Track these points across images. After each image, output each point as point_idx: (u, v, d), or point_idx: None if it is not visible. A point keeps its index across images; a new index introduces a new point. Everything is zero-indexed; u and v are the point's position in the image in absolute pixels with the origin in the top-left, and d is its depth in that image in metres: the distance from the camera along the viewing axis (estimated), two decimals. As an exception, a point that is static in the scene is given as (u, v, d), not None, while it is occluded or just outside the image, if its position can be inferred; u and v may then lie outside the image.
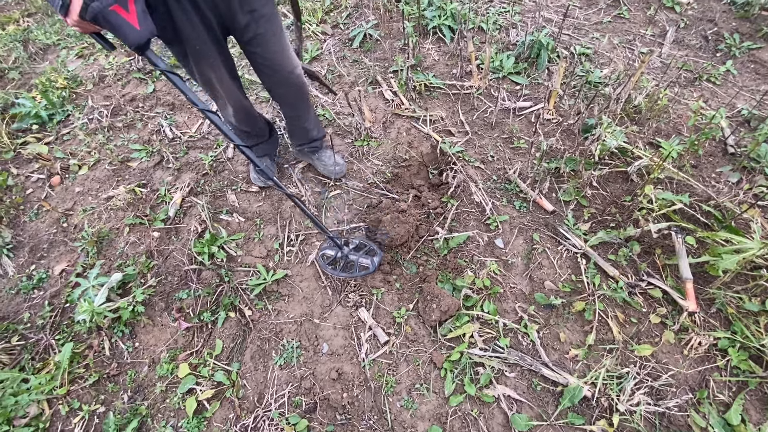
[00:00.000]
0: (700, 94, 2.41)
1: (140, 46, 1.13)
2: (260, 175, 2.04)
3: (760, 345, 1.45)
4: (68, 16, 1.03)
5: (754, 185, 1.89)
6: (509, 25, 2.94)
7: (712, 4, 2.96)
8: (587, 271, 1.73)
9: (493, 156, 2.22)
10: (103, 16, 1.04)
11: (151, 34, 1.14)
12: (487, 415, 1.47)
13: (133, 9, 1.08)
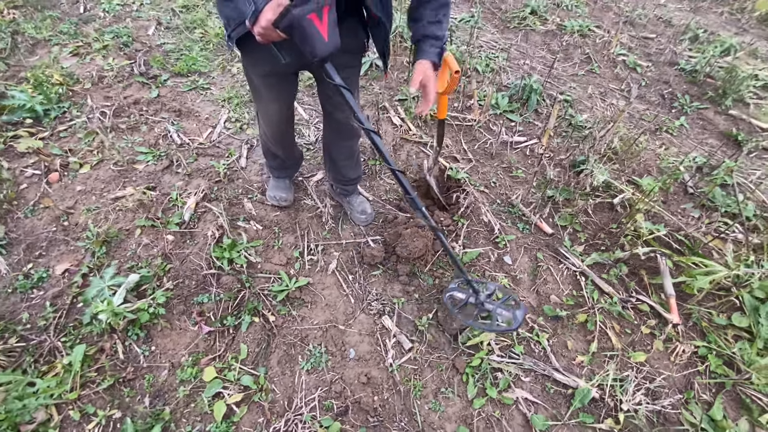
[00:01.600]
0: (662, 143, 2.83)
1: (322, 59, 1.12)
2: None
3: (731, 353, 1.71)
4: (256, 24, 1.02)
5: (713, 220, 2.25)
6: (500, 69, 3.29)
7: (666, 69, 3.52)
8: (586, 287, 1.95)
9: (495, 182, 2.44)
10: (299, 23, 1.01)
11: (335, 48, 1.12)
12: (508, 417, 1.59)
13: (326, 19, 1.06)
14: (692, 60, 3.52)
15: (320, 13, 1.03)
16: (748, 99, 3.18)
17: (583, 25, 3.85)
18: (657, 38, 3.93)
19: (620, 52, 3.60)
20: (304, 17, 1.01)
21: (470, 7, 4.12)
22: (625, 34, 3.87)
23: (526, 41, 3.73)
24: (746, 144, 2.80)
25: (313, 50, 1.08)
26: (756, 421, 1.57)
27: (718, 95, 3.17)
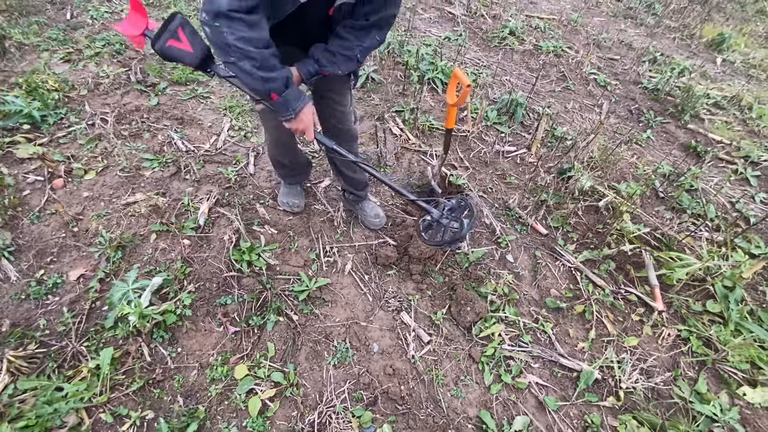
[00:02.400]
0: (633, 153, 3.14)
1: (199, 65, 1.30)
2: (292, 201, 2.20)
3: (709, 335, 1.94)
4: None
5: (683, 221, 2.53)
6: (486, 84, 3.53)
7: (632, 87, 3.89)
8: (582, 281, 2.14)
9: (491, 188, 2.63)
10: (165, 53, 1.24)
11: (203, 52, 1.29)
12: (522, 400, 1.73)
13: (183, 36, 1.25)
14: (653, 80, 3.92)
15: (176, 36, 1.24)
16: (703, 115, 3.59)
17: (557, 46, 4.20)
18: (621, 59, 4.34)
19: (591, 71, 3.96)
20: (165, 47, 1.24)
21: (453, 26, 4.38)
22: (594, 55, 4.25)
23: (507, 59, 4.01)
24: (706, 155, 3.16)
25: (187, 64, 1.31)
26: (734, 393, 1.79)
27: (678, 111, 3.56)
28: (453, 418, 1.63)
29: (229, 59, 1.16)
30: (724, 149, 3.29)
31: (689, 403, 1.74)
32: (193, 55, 1.28)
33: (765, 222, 2.65)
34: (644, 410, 1.70)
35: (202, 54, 1.30)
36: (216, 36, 1.12)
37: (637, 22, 5.35)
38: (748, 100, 3.76)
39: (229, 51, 1.14)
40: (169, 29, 1.24)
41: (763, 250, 2.37)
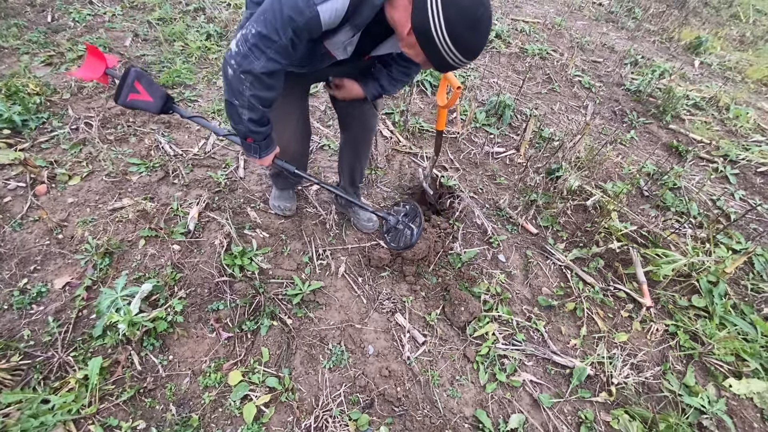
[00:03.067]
0: (618, 153, 3.21)
1: (161, 110, 1.40)
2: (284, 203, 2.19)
3: (695, 329, 1.99)
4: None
5: (667, 218, 2.59)
6: (474, 86, 3.57)
7: (615, 89, 3.99)
8: (572, 279, 2.18)
9: (482, 189, 2.65)
10: (130, 105, 1.39)
11: (162, 100, 1.40)
12: (517, 398, 1.74)
13: (140, 88, 1.37)
14: (635, 81, 4.02)
15: (135, 89, 1.37)
16: (683, 115, 3.69)
17: (542, 49, 4.27)
18: (604, 62, 4.44)
19: (576, 74, 4.04)
20: (127, 102, 1.38)
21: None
22: (578, 57, 4.34)
23: (494, 62, 4.07)
24: (687, 154, 3.25)
25: (150, 111, 1.44)
26: (721, 385, 1.84)
27: (659, 112, 3.65)
28: (449, 418, 1.64)
29: (234, 102, 1.23)
30: (704, 148, 3.39)
31: (678, 396, 1.78)
32: (154, 103, 1.41)
33: (745, 218, 2.73)
34: (635, 404, 1.74)
35: (162, 100, 1.41)
36: (236, 83, 1.18)
37: (618, 25, 5.49)
38: (725, 101, 3.89)
39: (240, 98, 1.21)
40: (127, 84, 1.35)
41: (744, 245, 2.45)
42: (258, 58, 1.13)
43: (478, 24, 1.02)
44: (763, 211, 2.84)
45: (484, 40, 1.06)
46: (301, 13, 1.05)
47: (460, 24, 1.00)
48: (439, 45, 1.03)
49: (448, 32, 1.00)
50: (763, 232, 2.64)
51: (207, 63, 3.33)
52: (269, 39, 1.10)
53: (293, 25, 1.08)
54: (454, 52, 1.05)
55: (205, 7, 3.93)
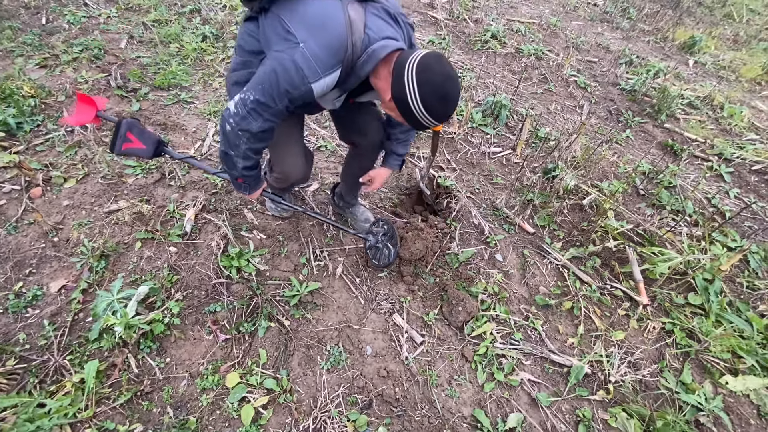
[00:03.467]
0: (614, 152, 3.22)
1: (154, 154, 1.49)
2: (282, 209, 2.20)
3: (691, 326, 2.00)
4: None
5: (663, 217, 2.61)
6: (470, 86, 3.58)
7: (610, 89, 4.00)
8: (569, 277, 2.18)
9: (479, 189, 2.66)
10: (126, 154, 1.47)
11: (154, 145, 1.48)
12: (516, 397, 1.74)
13: (133, 138, 1.46)
14: (630, 81, 4.04)
15: (128, 139, 1.46)
16: (678, 114, 3.71)
17: (538, 49, 4.29)
18: (599, 62, 4.46)
19: (572, 74, 4.06)
20: (122, 151, 1.46)
21: (437, 30, 4.43)
22: (574, 57, 4.36)
23: (490, 62, 4.08)
24: (682, 153, 3.27)
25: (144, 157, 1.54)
26: (717, 382, 1.85)
27: (655, 111, 3.68)
28: (448, 417, 1.64)
29: (230, 152, 1.35)
30: (699, 147, 3.41)
31: (675, 393, 1.78)
32: (147, 150, 1.50)
33: (740, 216, 2.75)
34: (633, 402, 1.74)
35: (153, 146, 1.50)
36: (233, 138, 1.29)
37: (613, 25, 5.52)
38: (720, 99, 3.92)
39: (236, 150, 1.33)
40: (120, 135, 1.45)
41: (739, 243, 2.47)
42: (255, 120, 1.25)
43: (447, 97, 1.18)
44: (758, 209, 2.86)
45: (452, 109, 1.22)
46: (297, 88, 1.18)
47: (432, 98, 1.16)
48: (415, 113, 1.20)
49: (422, 103, 1.17)
50: (758, 229, 2.66)
51: (203, 65, 3.32)
52: (266, 105, 1.22)
53: (289, 96, 1.21)
54: (427, 118, 1.21)
55: (200, 9, 3.92)
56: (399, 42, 1.27)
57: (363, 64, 1.22)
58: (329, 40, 1.15)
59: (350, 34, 1.16)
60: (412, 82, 1.15)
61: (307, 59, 1.14)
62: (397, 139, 1.75)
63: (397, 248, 1.87)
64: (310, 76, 1.16)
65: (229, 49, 3.50)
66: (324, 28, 1.15)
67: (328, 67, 1.17)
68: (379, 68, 1.26)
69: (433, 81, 1.14)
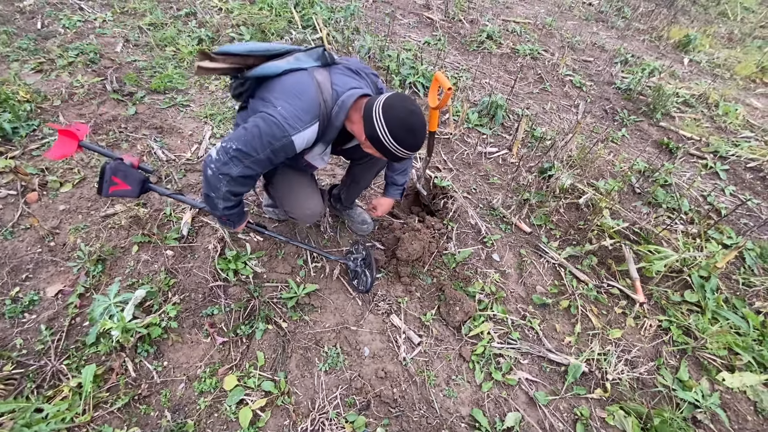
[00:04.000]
0: (610, 151, 3.23)
1: (140, 193, 1.54)
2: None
3: (688, 324, 2.01)
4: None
5: (659, 215, 2.62)
6: (466, 87, 3.59)
7: (606, 88, 4.02)
8: (566, 276, 2.19)
9: (475, 189, 2.67)
10: (114, 196, 1.50)
11: (139, 185, 1.53)
12: (513, 396, 1.75)
13: (118, 180, 1.51)
14: (626, 80, 4.06)
15: (113, 183, 1.50)
16: (673, 113, 3.73)
17: (533, 49, 4.30)
18: (595, 61, 4.48)
19: (567, 73, 4.07)
20: (109, 194, 1.48)
21: (432, 31, 4.44)
22: (569, 57, 4.37)
23: (486, 63, 4.09)
24: (677, 151, 3.28)
25: (132, 197, 1.56)
26: (714, 379, 1.86)
27: (650, 110, 3.69)
28: (446, 418, 1.64)
29: (211, 194, 1.42)
30: (694, 145, 3.42)
31: (672, 390, 1.79)
32: (133, 190, 1.54)
33: (735, 213, 2.77)
34: (630, 400, 1.75)
35: (139, 185, 1.54)
36: (214, 180, 1.37)
37: (608, 25, 5.54)
38: (715, 97, 3.93)
39: (216, 192, 1.40)
40: (106, 180, 1.49)
41: (735, 240, 2.48)
42: (236, 166, 1.34)
43: (413, 128, 1.32)
44: (753, 206, 2.87)
45: (420, 139, 1.36)
46: (278, 140, 1.32)
47: (399, 131, 1.31)
48: (388, 146, 1.35)
49: (392, 137, 1.32)
50: (754, 226, 2.67)
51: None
52: (248, 154, 1.33)
53: (271, 147, 1.33)
54: (399, 149, 1.35)
55: (196, 12, 3.92)
56: (364, 89, 1.44)
57: (336, 114, 1.40)
58: (303, 104, 1.34)
59: (320, 93, 1.36)
60: (380, 121, 1.31)
61: (286, 116, 1.31)
62: (395, 170, 1.85)
63: (373, 274, 1.87)
64: (290, 129, 1.31)
65: (225, 52, 3.50)
66: (298, 96, 1.34)
67: (305, 122, 1.34)
68: (351, 114, 1.43)
69: (398, 117, 1.30)
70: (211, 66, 1.45)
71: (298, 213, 1.78)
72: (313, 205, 1.77)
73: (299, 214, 1.78)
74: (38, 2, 3.72)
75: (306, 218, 1.80)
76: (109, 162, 1.51)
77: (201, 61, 1.42)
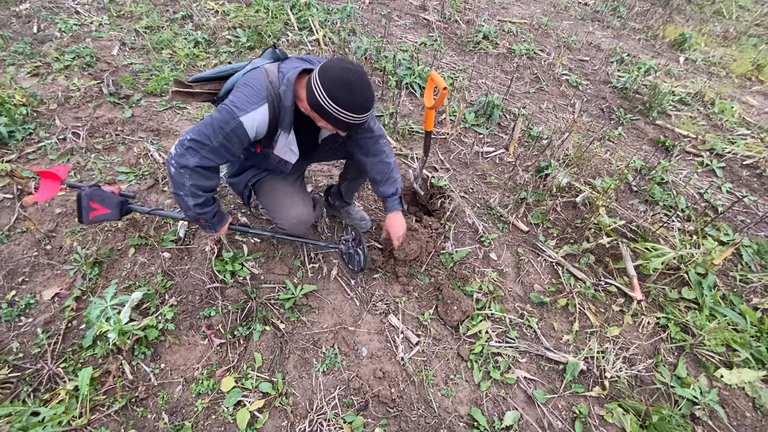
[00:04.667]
0: (606, 149, 3.24)
1: (120, 215, 1.59)
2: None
3: (685, 321, 2.01)
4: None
5: (656, 212, 2.62)
6: (462, 87, 3.60)
7: (602, 87, 4.03)
8: (563, 275, 2.19)
9: (472, 188, 2.67)
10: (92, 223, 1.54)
11: (118, 207, 1.60)
12: (512, 395, 1.75)
13: (96, 206, 1.56)
14: (622, 79, 4.07)
15: (91, 208, 1.55)
16: (669, 111, 3.74)
17: (530, 49, 4.32)
18: (591, 60, 4.49)
19: (563, 72, 4.08)
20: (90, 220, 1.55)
21: (429, 32, 4.46)
22: (565, 56, 4.39)
23: (482, 63, 4.10)
24: (674, 149, 3.29)
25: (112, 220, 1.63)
26: (712, 376, 1.86)
27: (646, 108, 3.70)
28: (444, 417, 1.64)
29: (179, 193, 1.43)
30: (690, 143, 3.43)
31: (671, 387, 1.79)
32: (113, 213, 1.59)
33: (732, 210, 2.77)
34: (629, 398, 1.75)
35: (118, 207, 1.60)
36: (177, 176, 1.39)
37: (603, 24, 5.56)
38: (710, 96, 3.95)
39: (182, 189, 1.41)
40: (84, 207, 1.54)
41: (732, 237, 2.48)
42: (192, 156, 1.36)
43: (351, 86, 1.27)
44: (750, 203, 2.87)
45: (361, 96, 1.29)
46: (227, 123, 1.34)
47: (336, 90, 1.26)
48: (330, 109, 1.29)
49: (330, 98, 1.27)
50: (751, 223, 2.67)
51: (195, 70, 3.33)
52: (201, 143, 1.35)
53: (222, 132, 1.35)
54: (342, 112, 1.29)
55: (192, 15, 3.93)
56: (307, 65, 1.44)
57: (285, 93, 1.39)
58: (251, 89, 1.38)
59: (266, 77, 1.39)
60: (317, 84, 1.28)
61: (234, 101, 1.36)
62: (378, 181, 1.77)
63: (365, 252, 1.86)
64: (237, 111, 1.34)
65: (221, 54, 3.51)
66: (247, 85, 1.40)
67: (252, 103, 1.36)
68: (299, 92, 1.43)
69: (333, 75, 1.26)
70: (186, 91, 1.53)
71: (285, 221, 1.77)
72: (299, 212, 1.76)
73: (285, 222, 1.77)
74: (34, 6, 3.72)
75: (293, 227, 1.79)
76: (84, 189, 1.54)
77: (176, 87, 1.50)
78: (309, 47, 3.66)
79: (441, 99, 1.83)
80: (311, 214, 1.84)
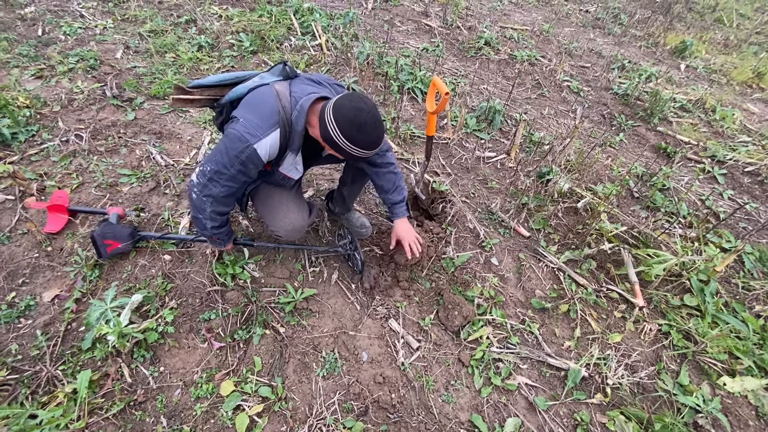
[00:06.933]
0: (608, 155, 3.24)
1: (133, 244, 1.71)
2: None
3: (688, 328, 2.00)
4: None
5: (657, 219, 2.62)
6: (464, 93, 3.61)
7: (603, 93, 4.04)
8: (565, 281, 2.18)
9: (474, 193, 2.67)
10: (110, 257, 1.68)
11: (130, 237, 1.76)
12: (513, 401, 1.73)
13: (110, 242, 1.75)
14: (623, 85, 4.09)
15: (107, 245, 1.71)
16: (670, 117, 3.75)
17: (531, 55, 4.34)
18: (592, 67, 4.51)
19: (565, 79, 4.10)
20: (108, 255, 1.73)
21: (431, 38, 4.48)
22: (567, 63, 4.40)
23: (483, 68, 4.12)
24: (675, 155, 3.29)
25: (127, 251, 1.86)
26: (715, 383, 1.84)
27: (647, 115, 3.71)
28: (445, 423, 1.63)
29: (198, 216, 1.54)
30: (692, 149, 3.43)
31: (673, 395, 1.78)
32: (127, 245, 1.75)
33: (734, 217, 2.77)
34: (631, 405, 1.73)
35: (130, 238, 1.74)
36: (199, 203, 1.49)
37: (605, 31, 5.59)
38: (711, 102, 3.96)
39: (203, 213, 1.52)
40: (100, 245, 1.73)
41: (734, 243, 2.47)
42: (215, 186, 1.44)
43: (365, 126, 1.32)
44: (752, 210, 2.87)
45: (372, 136, 1.35)
46: (242, 151, 1.38)
47: (349, 129, 1.32)
48: (342, 146, 1.36)
49: (344, 137, 1.33)
50: (753, 230, 2.67)
51: (198, 74, 3.34)
52: (221, 173, 1.42)
53: (238, 160, 1.39)
54: (353, 148, 1.36)
55: (196, 19, 3.95)
56: (321, 93, 1.47)
57: (297, 119, 1.43)
58: (262, 110, 1.40)
59: (279, 101, 1.42)
60: (331, 121, 1.33)
61: (246, 126, 1.38)
62: (385, 190, 1.79)
63: (361, 256, 1.90)
64: (251, 138, 1.37)
65: (224, 58, 3.52)
66: (258, 106, 1.41)
67: (265, 129, 1.39)
68: (311, 118, 1.46)
69: (347, 115, 1.31)
70: (186, 98, 1.54)
71: (279, 228, 1.76)
72: (293, 219, 1.76)
73: (280, 229, 1.76)
74: (39, 9, 3.75)
75: (288, 234, 1.78)
76: (95, 229, 1.64)
77: (176, 93, 1.52)
78: (312, 52, 3.68)
79: (443, 104, 1.83)
80: (306, 221, 1.84)
